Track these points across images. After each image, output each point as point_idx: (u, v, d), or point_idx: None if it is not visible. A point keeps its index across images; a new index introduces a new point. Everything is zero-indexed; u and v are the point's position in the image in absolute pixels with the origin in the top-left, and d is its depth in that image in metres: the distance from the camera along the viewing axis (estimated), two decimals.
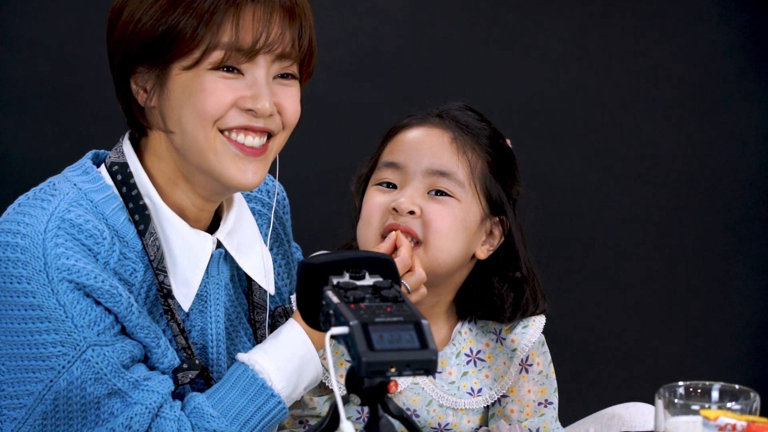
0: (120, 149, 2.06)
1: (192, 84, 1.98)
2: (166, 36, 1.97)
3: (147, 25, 1.98)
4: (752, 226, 3.84)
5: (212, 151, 2.00)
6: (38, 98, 3.49)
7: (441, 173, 2.16)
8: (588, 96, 3.74)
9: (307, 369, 2.05)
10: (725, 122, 3.80)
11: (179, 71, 1.98)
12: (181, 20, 1.96)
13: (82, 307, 1.93)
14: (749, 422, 1.66)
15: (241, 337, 2.16)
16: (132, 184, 2.03)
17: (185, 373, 2.02)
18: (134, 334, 1.99)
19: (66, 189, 2.00)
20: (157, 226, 2.03)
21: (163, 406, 1.97)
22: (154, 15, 1.97)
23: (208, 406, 2.00)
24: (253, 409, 2.01)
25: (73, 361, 1.93)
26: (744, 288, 3.85)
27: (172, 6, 1.97)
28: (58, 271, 1.92)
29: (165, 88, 2.00)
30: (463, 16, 3.68)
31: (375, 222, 2.17)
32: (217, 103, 1.98)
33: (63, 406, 1.94)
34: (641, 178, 3.79)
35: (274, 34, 1.98)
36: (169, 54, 1.97)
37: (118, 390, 1.95)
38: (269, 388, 2.01)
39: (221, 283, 2.11)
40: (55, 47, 3.47)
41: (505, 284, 2.23)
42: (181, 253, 2.04)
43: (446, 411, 2.21)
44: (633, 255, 3.80)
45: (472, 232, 2.18)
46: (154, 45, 1.98)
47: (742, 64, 3.79)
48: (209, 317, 2.10)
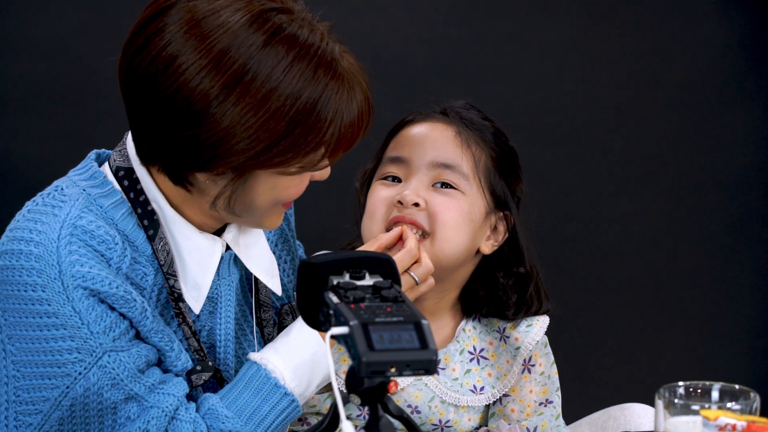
0: (125, 152, 2.04)
1: (278, 181, 1.97)
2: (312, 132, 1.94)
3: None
4: (752, 226, 3.84)
5: (266, 216, 2.03)
6: (38, 98, 3.49)
7: (445, 165, 2.16)
8: (588, 96, 3.74)
9: (319, 366, 2.05)
10: (725, 122, 3.80)
11: (272, 173, 1.96)
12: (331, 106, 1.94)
13: (97, 314, 1.94)
14: (749, 422, 1.66)
15: (248, 335, 2.17)
16: (139, 190, 2.02)
17: (199, 375, 2.03)
18: (148, 338, 1.99)
19: (75, 195, 2.00)
20: (166, 230, 2.03)
21: (179, 409, 1.98)
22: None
23: (222, 407, 2.00)
24: (267, 408, 2.01)
25: (89, 368, 1.93)
26: (744, 288, 3.85)
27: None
28: (73, 279, 1.92)
29: (245, 183, 1.97)
30: (463, 16, 3.68)
31: (379, 215, 2.17)
32: (299, 192, 2.01)
33: (80, 412, 1.95)
34: (641, 178, 3.79)
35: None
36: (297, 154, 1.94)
37: (134, 395, 1.95)
38: (282, 387, 2.02)
39: (232, 284, 2.12)
40: (55, 47, 3.47)
41: (510, 280, 2.23)
42: (191, 257, 2.04)
43: (448, 407, 2.21)
44: (633, 255, 3.80)
45: (477, 225, 2.18)
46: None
47: (742, 64, 3.79)
48: (219, 318, 2.11)
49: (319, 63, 1.91)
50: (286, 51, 1.90)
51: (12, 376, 1.94)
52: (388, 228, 2.15)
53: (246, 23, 1.89)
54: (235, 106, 1.87)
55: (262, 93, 1.88)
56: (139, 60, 1.91)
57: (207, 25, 1.89)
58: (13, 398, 1.95)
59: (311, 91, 1.90)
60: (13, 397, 1.95)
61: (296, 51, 1.90)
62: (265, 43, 1.89)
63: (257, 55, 1.88)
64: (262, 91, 1.88)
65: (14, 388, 1.95)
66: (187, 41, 1.88)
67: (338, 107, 1.92)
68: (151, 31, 1.91)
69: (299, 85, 1.89)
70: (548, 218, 3.66)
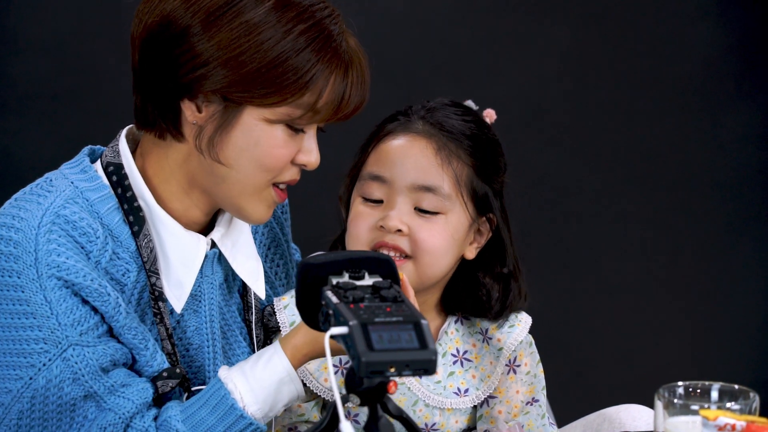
0: (116, 148, 2.05)
1: (262, 133, 1.97)
2: (291, 72, 1.94)
3: (276, 49, 1.94)
4: (752, 226, 3.84)
5: (256, 196, 2.01)
6: (38, 98, 3.49)
7: (426, 188, 2.13)
8: (588, 96, 3.75)
9: (285, 389, 1.99)
10: (725, 122, 3.80)
11: (257, 117, 1.96)
12: (312, 60, 1.95)
13: (67, 306, 1.93)
14: (748, 422, 1.66)
15: (236, 335, 2.16)
16: (127, 186, 2.02)
17: (165, 381, 2.00)
18: (122, 335, 1.98)
19: (63, 186, 2.00)
20: (151, 227, 2.02)
21: (135, 417, 1.95)
22: (292, 42, 1.93)
23: (177, 421, 1.97)
24: (222, 428, 1.96)
25: (53, 359, 1.92)
26: (744, 288, 3.85)
27: (314, 41, 1.95)
28: (48, 267, 1.92)
29: (229, 124, 1.97)
30: (463, 15, 3.68)
31: (363, 239, 2.15)
32: (284, 158, 1.99)
33: (39, 406, 1.93)
34: (641, 178, 3.79)
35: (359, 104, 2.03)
36: (281, 94, 1.95)
37: (93, 393, 1.94)
38: (239, 409, 1.96)
39: (215, 282, 2.11)
40: (55, 47, 3.47)
41: (492, 280, 2.23)
42: (175, 255, 2.03)
43: (432, 411, 2.20)
44: (632, 255, 3.81)
45: (461, 241, 2.18)
46: (271, 77, 1.94)
47: (741, 64, 3.79)
48: (203, 316, 2.10)
49: (319, 32, 1.95)
50: (288, 7, 1.94)
51: None
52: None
53: None
54: (221, 30, 1.92)
55: (252, 24, 1.92)
56: (146, 16, 1.96)
57: None
58: None
59: (300, 38, 1.93)
60: None
61: (298, 11, 1.94)
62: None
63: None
64: (252, 22, 1.92)
65: None
66: None
67: (326, 70, 1.95)
68: None
69: (288, 29, 1.93)
70: (546, 218, 3.67)
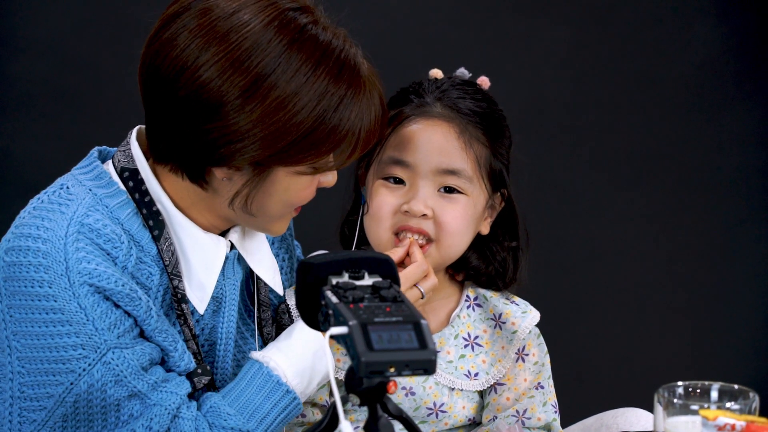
0: (129, 153, 2.05)
1: (292, 181, 1.99)
2: (327, 132, 1.96)
3: (311, 117, 1.95)
4: (752, 226, 3.84)
5: (276, 220, 2.05)
6: (38, 98, 3.49)
7: (451, 172, 2.18)
8: (588, 96, 3.74)
9: (320, 364, 2.07)
10: (725, 122, 3.80)
11: (289, 172, 1.98)
12: (346, 115, 1.97)
13: (102, 310, 1.95)
14: (748, 422, 1.67)
15: (245, 334, 2.18)
16: (144, 191, 2.03)
17: (200, 377, 2.05)
18: (152, 337, 2.00)
19: (82, 194, 2.01)
20: (171, 231, 2.04)
21: (181, 407, 1.99)
22: (327, 102, 1.95)
23: (224, 405, 2.02)
24: (270, 405, 2.03)
25: (93, 364, 1.94)
26: (744, 288, 3.85)
27: (345, 97, 1.97)
28: (79, 275, 1.93)
29: (263, 183, 1.99)
30: (463, 16, 3.68)
31: (386, 222, 2.19)
32: (311, 196, 2.04)
33: (83, 408, 1.96)
34: (641, 178, 3.79)
35: None
36: (317, 155, 1.98)
37: (137, 392, 1.96)
38: (284, 384, 2.03)
39: (236, 284, 2.13)
40: (55, 47, 3.47)
41: (503, 251, 2.28)
42: (196, 257, 2.05)
43: (442, 389, 2.22)
44: (632, 255, 3.80)
45: (479, 219, 2.23)
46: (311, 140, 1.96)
47: (741, 64, 3.79)
48: (222, 317, 2.12)
49: (342, 66, 1.94)
50: (309, 53, 1.92)
51: (17, 372, 1.95)
52: (396, 233, 2.19)
53: (268, 24, 1.91)
54: (256, 106, 1.89)
55: (285, 95, 1.90)
56: (158, 62, 1.92)
57: (228, 26, 1.90)
58: (18, 394, 1.96)
59: (333, 94, 1.93)
60: (17, 393, 1.96)
61: (320, 54, 1.92)
62: (288, 44, 1.90)
63: (280, 56, 1.90)
64: (285, 93, 1.90)
65: (19, 384, 1.95)
66: (207, 42, 1.89)
67: (359, 112, 1.96)
68: (170, 32, 1.92)
69: (321, 88, 1.92)
70: (546, 217, 3.67)
